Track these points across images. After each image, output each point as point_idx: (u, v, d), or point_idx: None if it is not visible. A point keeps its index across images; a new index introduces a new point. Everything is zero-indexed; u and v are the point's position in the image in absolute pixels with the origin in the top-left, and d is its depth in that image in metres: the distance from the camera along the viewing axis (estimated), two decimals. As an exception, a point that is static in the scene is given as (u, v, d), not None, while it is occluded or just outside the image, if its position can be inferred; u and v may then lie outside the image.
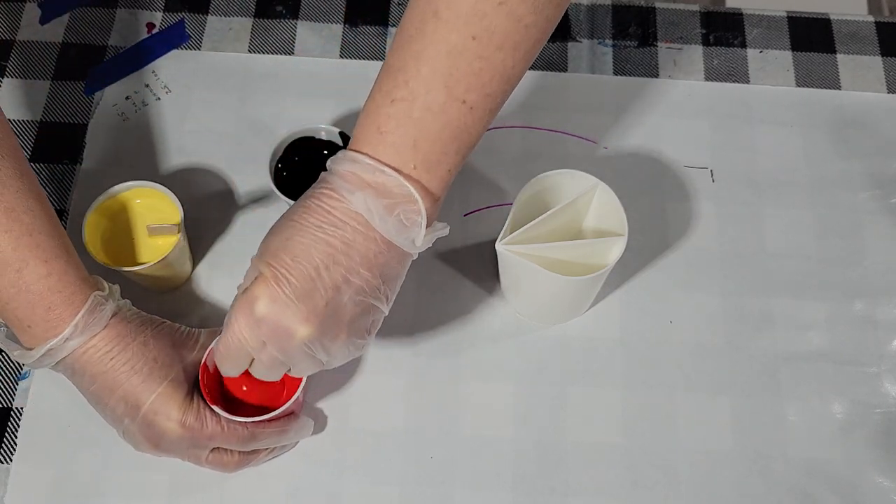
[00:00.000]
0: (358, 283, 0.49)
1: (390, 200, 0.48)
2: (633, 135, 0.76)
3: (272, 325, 0.49)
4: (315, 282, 0.48)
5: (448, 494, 0.62)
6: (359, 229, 0.49)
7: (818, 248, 0.71)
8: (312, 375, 0.56)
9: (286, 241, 0.49)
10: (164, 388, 0.56)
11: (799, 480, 0.64)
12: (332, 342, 0.51)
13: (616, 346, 0.68)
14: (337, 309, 0.50)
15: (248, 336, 0.50)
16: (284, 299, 0.48)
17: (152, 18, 0.79)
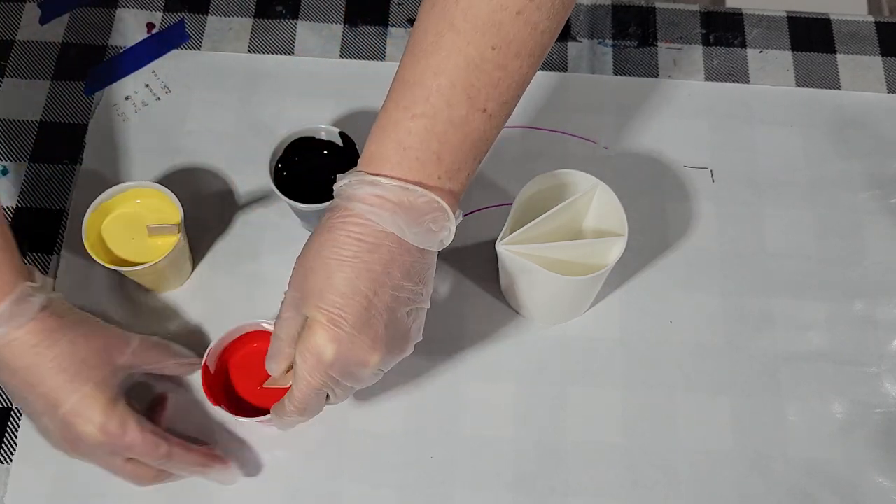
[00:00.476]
0: (405, 296, 0.51)
1: (418, 212, 0.49)
2: (632, 135, 0.76)
3: (343, 364, 0.50)
4: (370, 310, 0.49)
5: (448, 494, 0.62)
6: (393, 248, 0.50)
7: (818, 248, 0.71)
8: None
9: (328, 281, 0.49)
10: (90, 390, 0.54)
11: (799, 480, 0.64)
12: (400, 356, 0.53)
13: (616, 346, 0.68)
14: (395, 326, 0.51)
15: (322, 382, 0.51)
16: (349, 337, 0.49)
17: (152, 18, 0.79)
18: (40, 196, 0.72)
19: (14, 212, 0.71)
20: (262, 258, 0.70)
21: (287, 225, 0.71)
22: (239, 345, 0.63)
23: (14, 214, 0.71)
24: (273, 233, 0.71)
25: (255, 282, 0.69)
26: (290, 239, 0.70)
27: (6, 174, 0.72)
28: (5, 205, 0.71)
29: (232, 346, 0.63)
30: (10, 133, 0.74)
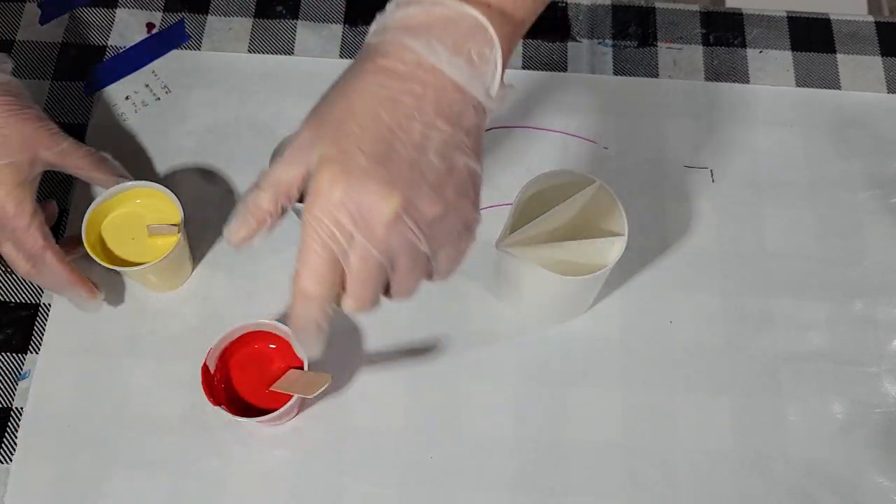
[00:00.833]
0: (439, 136, 0.42)
1: (456, 36, 0.41)
2: (632, 135, 0.76)
3: (355, 204, 0.41)
4: (392, 143, 0.41)
5: (448, 494, 0.62)
6: (428, 80, 0.41)
7: (818, 247, 0.71)
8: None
9: (348, 110, 0.42)
10: (3, 166, 0.57)
11: (799, 480, 0.64)
12: (430, 210, 0.42)
13: (616, 346, 0.68)
14: (423, 170, 0.41)
15: (331, 231, 0.41)
16: (362, 169, 0.40)
17: (152, 18, 0.79)
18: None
19: (14, 212, 0.71)
20: (262, 258, 0.70)
21: (287, 225, 0.71)
22: (239, 345, 0.63)
23: (14, 214, 0.71)
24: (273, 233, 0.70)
25: (255, 282, 0.69)
26: (291, 239, 0.70)
27: (6, 174, 0.72)
28: (5, 205, 0.71)
29: (232, 346, 0.63)
30: (11, 133, 0.74)
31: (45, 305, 0.68)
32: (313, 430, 0.64)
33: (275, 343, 0.63)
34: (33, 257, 0.59)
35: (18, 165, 0.59)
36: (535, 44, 0.79)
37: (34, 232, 0.59)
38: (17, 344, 0.66)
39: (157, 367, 0.66)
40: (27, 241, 0.59)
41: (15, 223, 0.58)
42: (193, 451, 0.63)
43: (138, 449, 0.63)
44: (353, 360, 0.66)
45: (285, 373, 0.62)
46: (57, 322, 0.67)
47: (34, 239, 0.59)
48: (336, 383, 0.65)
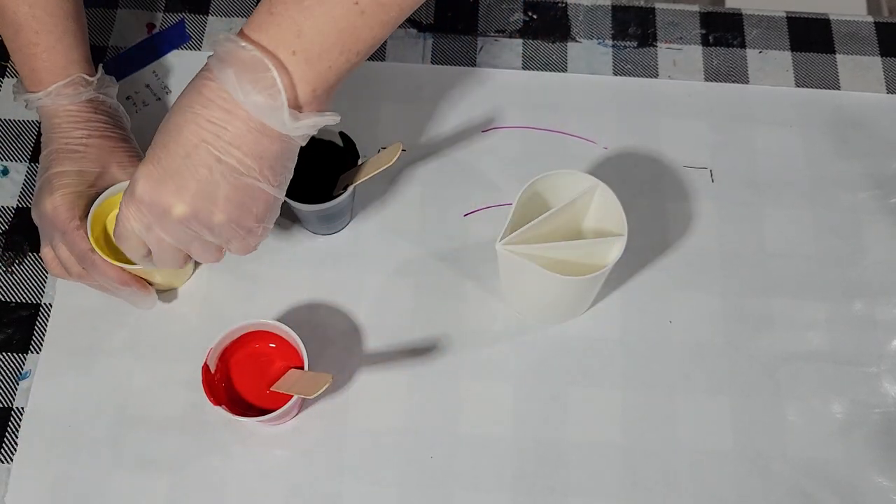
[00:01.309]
0: (230, 162, 0.50)
1: (253, 75, 0.48)
2: (632, 135, 0.76)
3: (149, 203, 0.51)
4: (186, 159, 0.50)
5: (448, 494, 0.62)
6: (226, 108, 0.49)
7: (818, 248, 0.72)
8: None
9: (166, 122, 0.51)
10: (70, 171, 0.63)
11: (799, 480, 0.64)
12: (211, 219, 0.51)
13: (616, 346, 0.68)
14: (210, 187, 0.50)
15: (133, 218, 0.52)
16: (157, 177, 0.50)
17: (152, 19, 0.79)
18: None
19: (14, 212, 0.71)
20: (262, 258, 0.70)
21: (287, 225, 0.71)
22: (239, 345, 0.63)
23: (14, 214, 0.71)
24: (273, 233, 0.71)
25: (255, 282, 0.69)
26: (290, 239, 0.70)
27: (7, 174, 0.72)
28: (6, 205, 0.71)
29: (232, 346, 0.63)
30: (11, 133, 0.74)
31: (46, 305, 0.68)
32: (313, 430, 0.64)
33: (275, 343, 0.64)
34: (83, 259, 0.62)
35: (85, 175, 0.63)
36: (535, 44, 0.79)
37: (82, 234, 0.62)
38: (17, 344, 0.66)
39: (158, 367, 0.66)
40: (76, 242, 0.62)
41: (66, 225, 0.62)
42: (193, 451, 0.63)
43: (138, 449, 0.63)
44: (353, 360, 0.66)
45: (285, 372, 0.62)
46: (58, 322, 0.67)
47: (83, 241, 0.62)
48: (336, 383, 0.66)
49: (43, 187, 0.63)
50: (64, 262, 0.63)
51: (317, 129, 0.52)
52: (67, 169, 0.63)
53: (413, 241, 0.71)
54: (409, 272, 0.70)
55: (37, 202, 0.64)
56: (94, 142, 0.64)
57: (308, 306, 0.68)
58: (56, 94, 0.64)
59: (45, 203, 0.62)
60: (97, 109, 0.66)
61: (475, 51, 0.79)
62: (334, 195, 0.64)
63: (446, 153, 0.74)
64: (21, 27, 0.63)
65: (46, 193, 0.62)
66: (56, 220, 0.62)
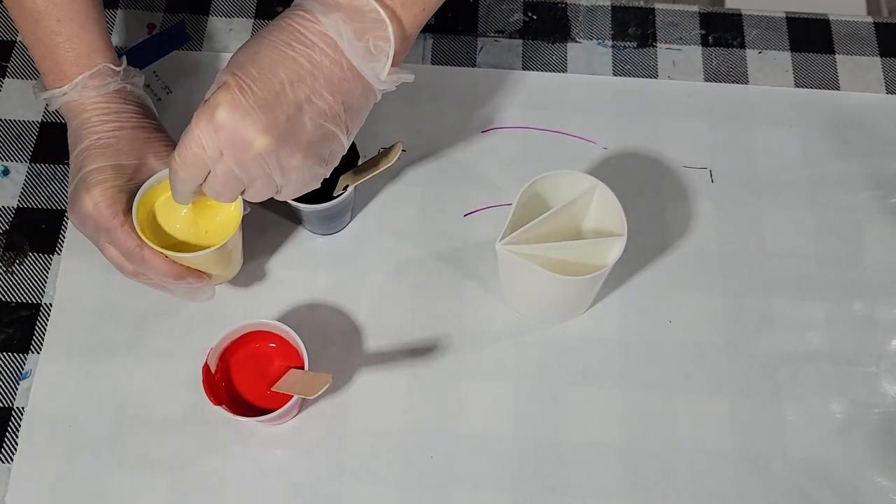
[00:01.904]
0: (321, 105, 0.50)
1: (361, 24, 0.49)
2: (632, 135, 0.76)
3: (231, 132, 0.49)
4: (279, 95, 0.49)
5: (447, 494, 0.63)
6: (327, 52, 0.49)
7: (817, 248, 0.72)
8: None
9: (254, 55, 0.50)
10: (106, 167, 0.59)
11: (798, 480, 0.64)
12: (289, 160, 0.51)
13: (616, 346, 0.68)
14: (297, 126, 0.50)
15: (206, 143, 0.50)
16: (246, 107, 0.49)
17: (153, 19, 0.79)
18: (41, 196, 0.72)
19: (15, 212, 0.71)
20: (262, 258, 0.70)
21: (287, 225, 0.71)
22: (239, 345, 0.63)
23: (15, 214, 0.71)
24: (273, 233, 0.71)
25: (255, 282, 0.69)
26: (291, 239, 0.70)
27: (7, 174, 0.72)
28: (6, 205, 0.71)
29: (232, 346, 0.63)
30: (11, 133, 0.74)
31: (46, 305, 0.68)
32: (313, 429, 0.64)
33: (275, 343, 0.64)
34: (132, 257, 0.59)
35: (122, 168, 0.60)
36: (535, 44, 0.79)
37: (128, 231, 0.58)
38: (18, 344, 0.66)
39: (158, 367, 0.66)
40: (123, 240, 0.58)
41: (109, 223, 0.58)
42: (193, 451, 0.63)
43: (138, 449, 0.63)
44: (353, 360, 0.66)
45: (285, 372, 0.62)
46: (58, 322, 0.67)
47: (129, 237, 0.58)
48: (336, 383, 0.66)
49: (79, 187, 0.59)
50: (115, 263, 0.60)
51: (395, 87, 0.52)
52: (103, 164, 0.59)
53: (413, 241, 0.71)
54: (409, 272, 0.70)
55: (74, 203, 0.60)
56: (128, 133, 0.61)
57: (308, 306, 0.68)
58: (83, 87, 0.60)
59: (85, 202, 0.58)
60: (126, 100, 0.62)
61: (475, 51, 0.79)
62: (334, 195, 0.64)
63: (446, 153, 0.74)
64: (41, 16, 0.60)
65: (84, 192, 0.59)
66: (99, 219, 0.58)
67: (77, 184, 0.60)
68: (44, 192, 0.72)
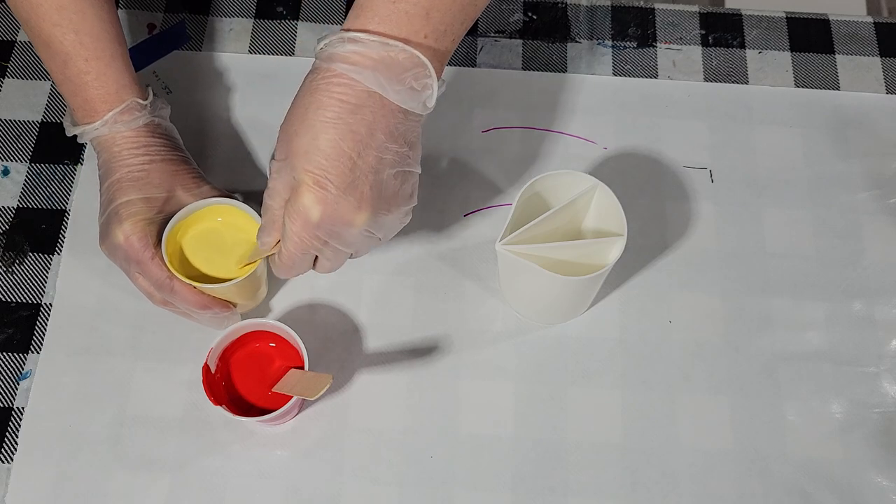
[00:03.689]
0: (390, 157, 0.52)
1: (399, 69, 0.50)
2: (632, 135, 0.76)
3: (330, 223, 0.52)
4: (354, 171, 0.51)
5: (447, 494, 0.63)
6: (376, 109, 0.50)
7: (817, 248, 0.72)
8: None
9: (313, 142, 0.51)
10: (136, 200, 0.61)
11: (798, 480, 0.64)
12: (386, 217, 0.54)
13: (615, 346, 0.68)
14: (381, 188, 0.52)
15: (310, 243, 0.53)
16: (334, 198, 0.51)
17: (153, 19, 0.79)
18: (41, 196, 0.72)
19: (15, 212, 0.71)
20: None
21: (287, 225, 0.71)
22: (239, 345, 0.63)
23: (15, 214, 0.71)
24: (273, 233, 0.71)
25: (255, 282, 0.69)
26: (291, 239, 0.70)
27: (7, 174, 0.72)
28: (6, 205, 0.71)
29: (232, 345, 0.63)
30: (11, 133, 0.74)
31: (46, 305, 0.68)
32: (313, 429, 0.64)
33: (275, 343, 0.64)
34: (162, 288, 0.61)
35: (152, 201, 0.62)
36: (535, 44, 0.80)
37: (158, 263, 0.61)
38: (18, 344, 0.66)
39: (158, 367, 0.66)
40: (153, 272, 0.61)
41: (140, 255, 0.60)
42: (193, 451, 0.63)
43: (138, 449, 0.63)
44: (353, 360, 0.66)
45: (285, 372, 0.62)
46: (58, 322, 0.67)
47: (159, 269, 0.61)
48: (336, 383, 0.66)
49: (111, 219, 0.61)
50: (144, 292, 0.62)
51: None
52: (133, 197, 0.61)
53: (413, 241, 0.71)
54: (409, 272, 0.70)
55: (105, 236, 0.62)
56: (157, 167, 0.63)
57: (308, 306, 0.68)
58: (113, 122, 0.62)
59: (116, 235, 0.60)
60: (154, 133, 0.64)
61: (475, 51, 0.79)
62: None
63: (446, 153, 0.74)
64: (70, 56, 0.61)
65: (115, 225, 0.61)
66: (130, 252, 0.60)
67: (109, 216, 0.62)
68: (44, 192, 0.72)
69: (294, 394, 0.58)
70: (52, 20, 0.60)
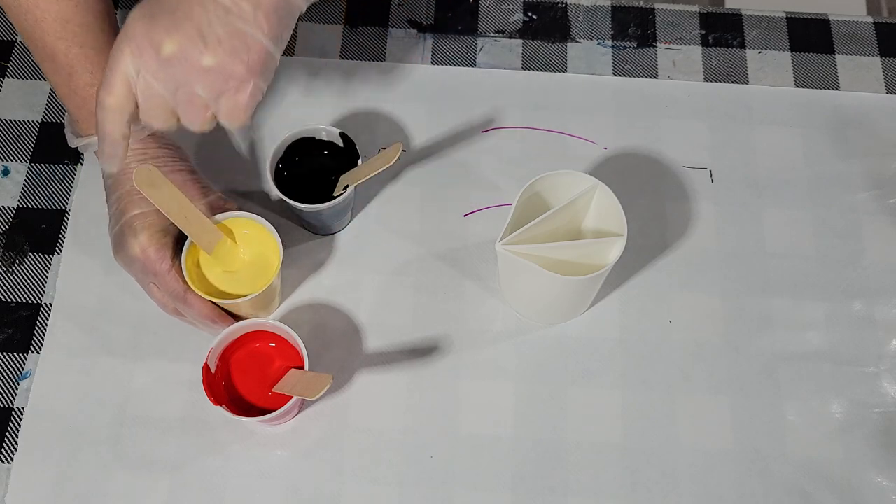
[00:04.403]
0: (224, 2, 0.50)
1: None
2: (632, 135, 0.76)
3: (140, 39, 0.50)
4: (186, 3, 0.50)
5: (447, 494, 0.63)
6: None
7: (817, 248, 0.72)
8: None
9: None
10: (150, 212, 0.61)
11: (798, 480, 0.64)
12: (200, 60, 0.50)
13: (615, 346, 0.68)
14: (202, 27, 0.50)
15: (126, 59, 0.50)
16: (150, 14, 0.50)
17: (153, 19, 0.79)
18: (41, 196, 0.72)
19: (15, 212, 0.71)
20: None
21: (287, 225, 0.71)
22: (239, 345, 0.63)
23: (15, 214, 0.71)
24: (273, 233, 0.71)
25: (255, 282, 0.69)
26: (291, 239, 0.70)
27: (7, 174, 0.72)
28: (6, 205, 0.71)
29: (232, 346, 0.63)
30: (11, 133, 0.74)
31: (46, 305, 0.68)
32: (313, 430, 0.64)
33: (275, 343, 0.64)
34: (177, 298, 0.61)
35: (162, 214, 0.60)
36: (535, 44, 0.79)
37: (175, 275, 0.61)
38: (18, 344, 0.66)
39: (158, 367, 0.66)
40: (169, 284, 0.61)
41: (157, 267, 0.61)
42: (193, 451, 0.63)
43: (138, 449, 0.63)
44: (353, 360, 0.66)
45: (285, 372, 0.62)
46: (58, 322, 0.67)
47: (175, 282, 0.61)
48: (336, 383, 0.66)
49: (125, 232, 0.61)
50: (158, 302, 0.63)
51: None
52: (147, 209, 0.61)
53: (413, 241, 0.71)
54: (409, 272, 0.70)
55: (120, 247, 0.62)
56: (165, 175, 0.61)
57: (308, 306, 0.68)
58: None
59: (133, 247, 0.60)
60: (160, 144, 0.64)
61: (475, 51, 0.79)
62: (334, 195, 0.64)
63: (446, 153, 0.74)
64: (74, 69, 0.61)
65: (131, 237, 0.61)
66: (147, 263, 0.61)
67: (122, 227, 0.61)
68: (44, 192, 0.72)
69: (294, 394, 0.58)
70: (56, 34, 0.60)
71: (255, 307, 0.64)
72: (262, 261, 0.64)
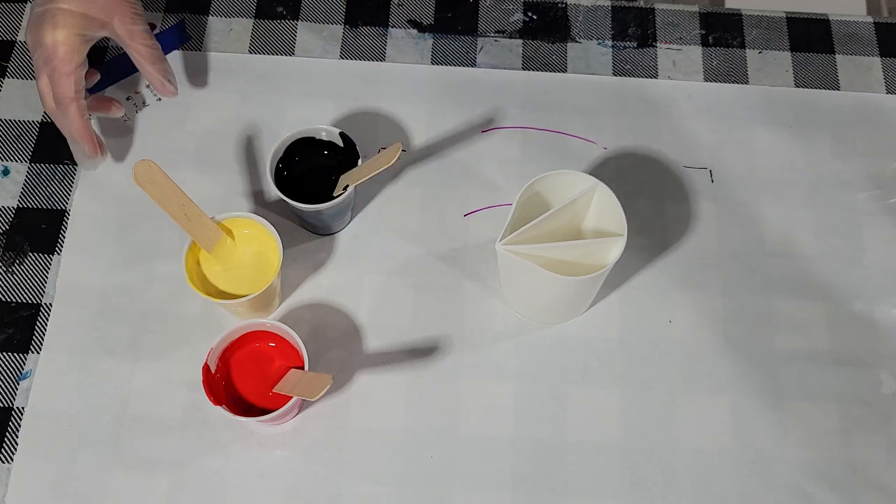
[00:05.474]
0: None
1: None
2: (632, 135, 0.76)
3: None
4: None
5: (447, 494, 0.63)
6: None
7: (817, 248, 0.72)
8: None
9: None
10: (77, 13, 0.62)
11: (798, 480, 0.64)
12: None
13: (615, 346, 0.68)
14: None
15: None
16: None
17: (153, 19, 0.79)
18: (41, 196, 0.72)
19: (15, 212, 0.71)
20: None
21: (287, 225, 0.71)
22: (239, 345, 0.63)
23: (14, 214, 0.71)
24: (273, 233, 0.71)
25: (255, 282, 0.69)
26: (291, 239, 0.70)
27: (7, 174, 0.72)
28: (6, 205, 0.71)
29: (232, 346, 0.63)
30: (11, 133, 0.74)
31: (46, 305, 0.68)
32: (313, 430, 0.64)
33: (275, 343, 0.64)
34: (60, 102, 0.63)
35: (90, 21, 0.63)
36: (535, 44, 0.79)
37: (69, 82, 0.62)
38: (18, 344, 0.66)
39: (158, 367, 0.66)
40: (62, 86, 0.63)
41: (60, 67, 0.62)
42: (193, 451, 0.63)
43: (138, 449, 0.63)
44: (353, 360, 0.67)
45: (285, 372, 0.62)
46: (58, 322, 0.67)
47: (67, 88, 0.62)
48: (336, 383, 0.66)
49: (45, 17, 0.62)
50: (41, 93, 0.64)
51: None
52: (75, 9, 0.62)
53: (413, 241, 0.71)
54: (409, 272, 0.70)
55: (34, 27, 0.63)
56: None
57: (308, 306, 0.68)
58: None
59: (46, 34, 0.62)
60: None
61: (475, 51, 0.79)
62: (334, 195, 0.64)
63: (446, 153, 0.74)
64: None
65: (49, 26, 0.62)
66: (52, 57, 0.62)
67: (45, 14, 0.62)
68: (44, 192, 0.72)
69: (294, 394, 0.58)
70: None
71: (255, 307, 0.64)
72: (261, 261, 0.64)
